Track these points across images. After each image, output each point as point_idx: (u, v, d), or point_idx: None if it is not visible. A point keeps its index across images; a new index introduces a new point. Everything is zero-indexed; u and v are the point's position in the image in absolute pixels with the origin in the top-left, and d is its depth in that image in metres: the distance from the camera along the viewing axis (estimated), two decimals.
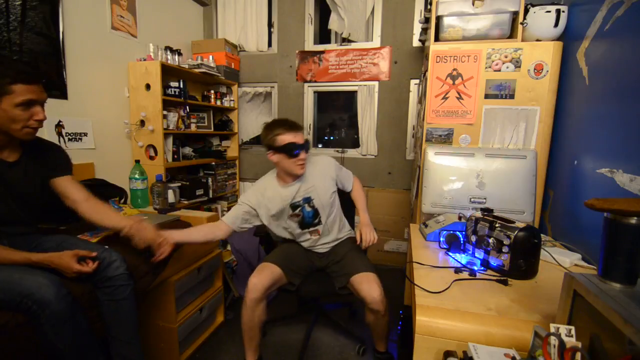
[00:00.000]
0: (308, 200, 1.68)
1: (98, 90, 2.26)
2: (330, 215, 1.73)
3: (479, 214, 1.28)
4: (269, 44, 3.31)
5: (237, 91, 3.32)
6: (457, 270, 1.15)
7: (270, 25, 3.28)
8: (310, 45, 3.18)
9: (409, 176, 2.99)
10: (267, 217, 1.68)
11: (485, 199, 1.68)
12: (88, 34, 2.17)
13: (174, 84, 2.59)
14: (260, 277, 1.52)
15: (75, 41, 2.08)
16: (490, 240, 1.16)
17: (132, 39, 2.51)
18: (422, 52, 2.73)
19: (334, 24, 3.04)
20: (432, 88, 1.86)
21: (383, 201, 3.03)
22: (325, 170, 1.73)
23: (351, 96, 3.26)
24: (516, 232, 1.09)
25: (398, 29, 2.90)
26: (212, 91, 3.08)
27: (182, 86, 2.60)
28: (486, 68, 1.77)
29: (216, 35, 3.41)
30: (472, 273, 1.13)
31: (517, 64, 1.73)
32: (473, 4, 1.79)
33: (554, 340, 0.60)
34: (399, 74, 2.94)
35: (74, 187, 1.31)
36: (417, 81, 2.89)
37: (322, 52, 3.11)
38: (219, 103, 3.13)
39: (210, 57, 2.91)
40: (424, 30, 2.40)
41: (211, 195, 2.98)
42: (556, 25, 1.68)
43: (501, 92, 1.77)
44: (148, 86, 2.39)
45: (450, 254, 1.31)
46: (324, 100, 3.41)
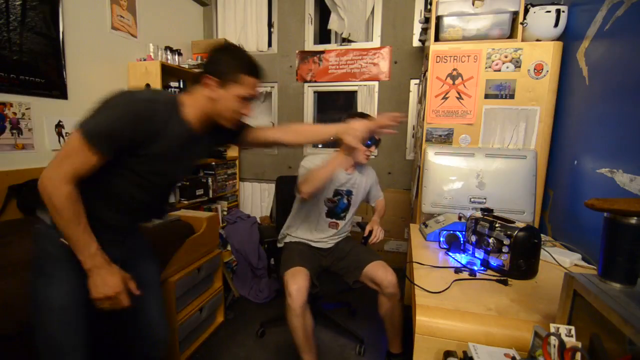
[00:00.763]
0: (349, 193, 1.78)
1: (98, 90, 2.26)
2: (352, 215, 1.84)
3: (479, 214, 1.28)
4: (269, 44, 3.31)
5: None
6: (457, 270, 1.15)
7: (270, 25, 3.28)
8: (310, 45, 3.18)
9: (408, 176, 2.99)
10: None
11: (485, 199, 1.68)
12: (88, 34, 2.18)
13: (174, 84, 2.59)
14: (298, 281, 1.49)
15: (75, 41, 2.09)
16: (490, 240, 1.16)
17: (132, 39, 2.51)
18: (422, 52, 2.73)
19: (333, 24, 3.04)
20: (432, 88, 1.86)
21: None
22: (371, 177, 1.87)
23: (351, 96, 3.26)
24: (516, 232, 1.09)
25: (398, 29, 2.90)
26: None
27: (182, 86, 2.60)
28: (486, 68, 1.77)
29: (216, 35, 3.41)
30: (472, 273, 1.13)
31: (517, 64, 1.73)
32: (473, 4, 1.79)
33: (554, 340, 0.60)
34: (399, 74, 2.94)
35: (263, 130, 1.26)
36: (417, 81, 2.89)
37: (322, 52, 3.11)
38: None
39: None
40: (424, 30, 2.40)
41: (211, 195, 2.98)
42: (556, 25, 1.68)
43: (501, 92, 1.77)
44: (148, 86, 2.39)
45: (450, 254, 1.31)
46: (324, 100, 3.41)
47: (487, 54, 1.76)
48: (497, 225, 1.16)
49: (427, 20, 2.23)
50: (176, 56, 2.67)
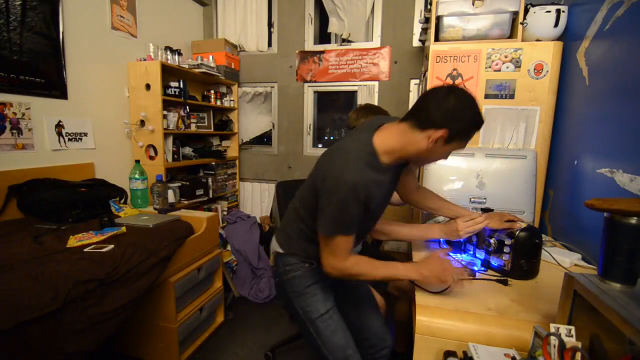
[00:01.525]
0: None
1: (98, 90, 2.26)
2: None
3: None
4: (269, 44, 3.31)
5: (237, 91, 3.32)
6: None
7: (270, 25, 3.27)
8: (310, 45, 3.18)
9: None
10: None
11: (485, 199, 1.68)
12: (88, 34, 2.17)
13: (174, 84, 2.59)
14: None
15: (75, 41, 2.08)
16: (492, 241, 1.16)
17: (132, 39, 2.51)
18: (422, 52, 2.73)
19: (333, 26, 3.04)
20: None
21: None
22: None
23: (351, 96, 3.26)
24: (518, 232, 1.09)
25: (398, 29, 2.90)
26: (212, 91, 3.08)
27: (182, 86, 2.60)
28: (486, 68, 1.77)
29: (216, 35, 3.41)
30: (472, 273, 1.13)
31: (517, 64, 1.73)
32: (473, 4, 1.79)
33: (554, 340, 0.60)
34: (399, 74, 2.94)
35: (410, 176, 1.28)
36: (417, 81, 2.89)
37: (322, 52, 3.11)
38: (219, 103, 3.13)
39: (210, 57, 2.91)
40: (424, 30, 2.40)
41: (211, 195, 2.98)
42: (556, 25, 1.68)
43: (501, 92, 1.77)
44: (148, 86, 2.39)
45: (451, 254, 1.31)
46: (324, 100, 3.41)
47: (487, 54, 1.76)
48: None
49: (427, 20, 2.23)
50: (176, 56, 2.67)
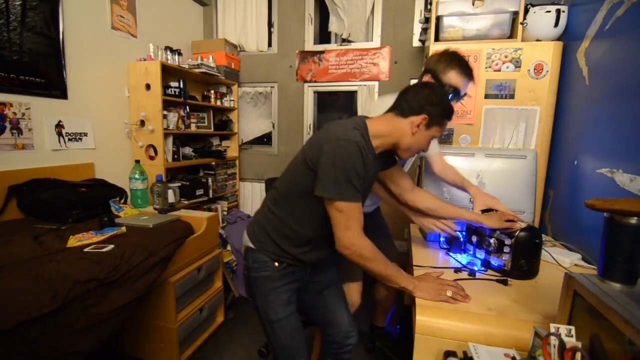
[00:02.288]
0: None
1: (98, 90, 2.26)
2: None
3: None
4: (269, 44, 3.31)
5: (237, 91, 3.32)
6: (457, 271, 1.15)
7: (270, 25, 3.27)
8: (310, 45, 3.18)
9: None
10: None
11: None
12: (88, 34, 2.17)
13: (174, 84, 2.58)
14: None
15: (75, 41, 2.08)
16: (492, 241, 1.16)
17: (132, 39, 2.51)
18: (422, 52, 2.73)
19: (333, 25, 3.04)
20: None
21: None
22: None
23: (351, 96, 3.26)
24: (518, 232, 1.09)
25: (398, 29, 2.90)
26: (212, 91, 3.08)
27: (182, 86, 2.60)
28: (486, 68, 1.77)
29: (216, 35, 3.41)
30: (472, 273, 1.13)
31: (517, 64, 1.73)
32: (473, 4, 1.79)
33: (554, 340, 0.60)
34: (399, 74, 2.94)
35: (404, 176, 1.28)
36: (417, 81, 2.88)
37: (322, 52, 3.11)
38: (219, 103, 3.13)
39: (210, 57, 2.91)
40: (424, 30, 2.40)
41: (211, 195, 2.98)
42: (556, 25, 1.68)
43: (501, 92, 1.77)
44: (148, 86, 2.39)
45: (450, 254, 1.31)
46: (324, 100, 3.41)
47: (487, 54, 1.76)
48: None
49: (427, 20, 2.23)
50: (176, 56, 2.67)
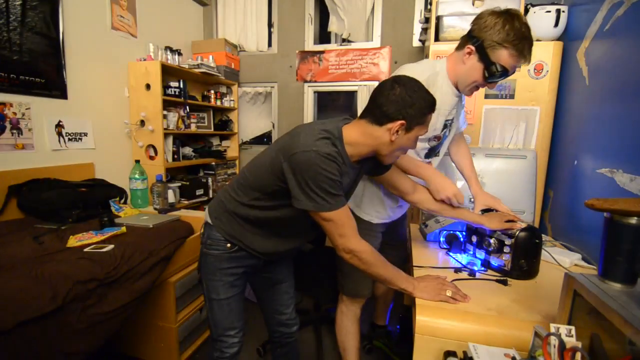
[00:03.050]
0: (451, 122, 1.28)
1: (98, 90, 2.26)
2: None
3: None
4: (269, 44, 3.31)
5: (237, 91, 3.32)
6: (457, 271, 1.15)
7: (270, 25, 3.28)
8: (310, 45, 3.18)
9: None
10: None
11: None
12: (88, 34, 2.17)
13: (174, 84, 2.58)
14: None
15: (75, 41, 2.08)
16: (492, 241, 1.16)
17: (132, 39, 2.51)
18: (422, 52, 2.73)
19: (333, 25, 3.04)
20: None
21: None
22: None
23: (351, 96, 3.26)
24: (518, 232, 1.09)
25: (398, 29, 2.90)
26: (212, 91, 3.08)
27: (182, 86, 2.60)
28: None
29: (216, 35, 3.41)
30: (472, 273, 1.13)
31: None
32: (473, 4, 1.79)
33: (554, 340, 0.60)
34: None
35: (402, 178, 1.22)
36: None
37: (322, 52, 3.11)
38: (219, 103, 3.13)
39: (210, 57, 2.91)
40: (424, 30, 2.40)
41: (211, 195, 2.98)
42: (556, 25, 1.68)
43: (501, 92, 1.77)
44: (148, 86, 2.39)
45: (450, 254, 1.31)
46: (324, 100, 3.41)
47: None
48: None
49: (427, 20, 2.23)
50: (176, 56, 2.67)
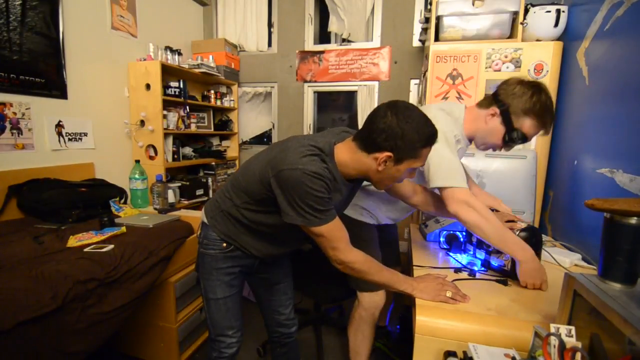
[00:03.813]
0: None
1: (98, 90, 2.26)
2: None
3: None
4: (269, 44, 3.31)
5: (237, 91, 3.32)
6: (457, 271, 1.15)
7: (270, 25, 3.28)
8: (310, 45, 3.18)
9: None
10: None
11: None
12: (88, 34, 2.17)
13: (174, 84, 2.59)
14: None
15: (75, 41, 2.08)
16: None
17: (132, 39, 2.51)
18: (422, 52, 2.73)
19: (333, 25, 3.04)
20: (432, 88, 1.86)
21: None
22: None
23: (351, 96, 3.26)
24: (518, 232, 1.09)
25: (398, 29, 2.90)
26: (212, 91, 3.08)
27: (182, 86, 2.60)
28: (486, 68, 1.77)
29: (216, 35, 3.41)
30: (472, 273, 1.13)
31: (517, 64, 1.73)
32: (473, 4, 1.79)
33: (554, 340, 0.60)
34: (399, 74, 2.94)
35: (401, 184, 1.20)
36: (417, 81, 2.89)
37: (322, 52, 3.11)
38: (219, 103, 3.13)
39: (210, 57, 2.91)
40: (424, 30, 2.40)
41: (211, 195, 2.98)
42: (556, 25, 1.68)
43: None
44: (148, 86, 2.39)
45: (450, 254, 1.31)
46: (324, 100, 3.41)
47: (487, 54, 1.76)
48: None
49: (427, 20, 2.23)
50: (176, 56, 2.67)
